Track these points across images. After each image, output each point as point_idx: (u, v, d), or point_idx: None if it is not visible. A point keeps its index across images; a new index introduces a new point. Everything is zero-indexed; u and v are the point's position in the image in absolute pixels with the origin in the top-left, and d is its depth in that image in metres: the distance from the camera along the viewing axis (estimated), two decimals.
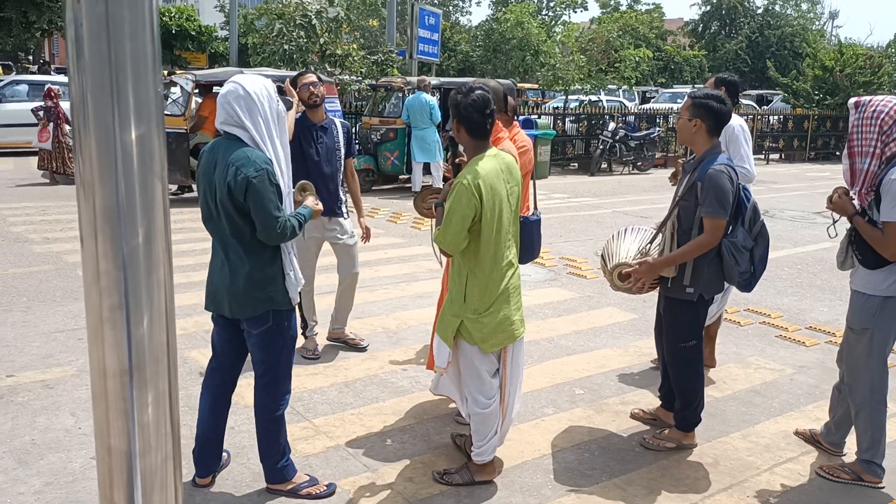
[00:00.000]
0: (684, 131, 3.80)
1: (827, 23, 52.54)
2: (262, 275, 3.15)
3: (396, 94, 13.33)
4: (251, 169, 2.98)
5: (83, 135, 0.99)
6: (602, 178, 16.14)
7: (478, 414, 3.48)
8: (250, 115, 3.05)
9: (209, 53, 31.09)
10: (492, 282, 3.33)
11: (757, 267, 3.79)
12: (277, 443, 3.38)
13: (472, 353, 3.41)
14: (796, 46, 41.59)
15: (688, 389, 3.94)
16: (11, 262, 7.22)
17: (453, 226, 3.19)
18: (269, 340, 3.25)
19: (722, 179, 3.60)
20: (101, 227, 1.00)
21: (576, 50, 22.47)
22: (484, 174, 3.20)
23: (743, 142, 4.76)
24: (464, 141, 3.38)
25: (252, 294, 3.14)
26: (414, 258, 8.02)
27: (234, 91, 3.05)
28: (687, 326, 3.86)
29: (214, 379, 3.44)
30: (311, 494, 3.41)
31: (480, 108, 3.24)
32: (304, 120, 4.88)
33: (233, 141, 3.08)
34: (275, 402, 3.34)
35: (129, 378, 1.04)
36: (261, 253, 3.15)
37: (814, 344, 5.79)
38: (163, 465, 1.09)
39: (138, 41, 0.97)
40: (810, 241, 9.80)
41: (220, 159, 3.07)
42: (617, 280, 3.91)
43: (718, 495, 3.60)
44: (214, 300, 3.26)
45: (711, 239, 3.64)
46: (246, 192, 2.98)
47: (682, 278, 3.77)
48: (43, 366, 4.76)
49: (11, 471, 3.52)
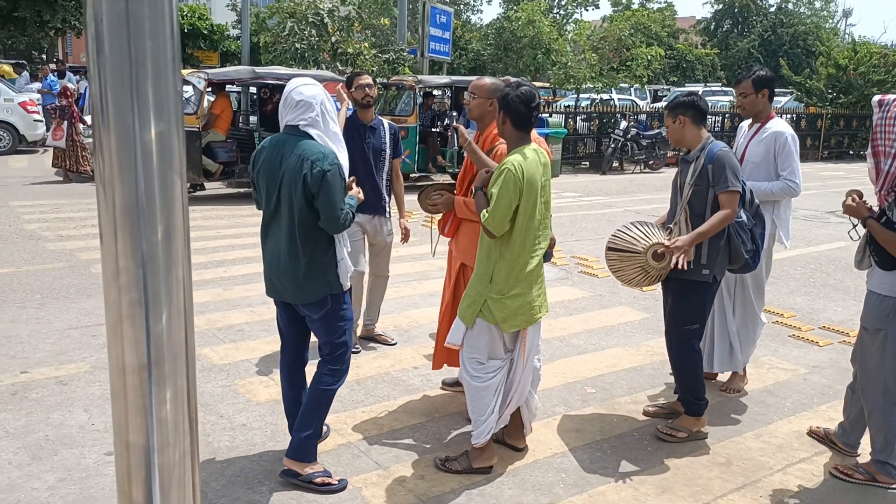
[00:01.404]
0: (675, 133, 4.06)
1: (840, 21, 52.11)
2: (321, 261, 3.37)
3: (407, 93, 13.33)
4: (326, 163, 3.23)
5: (103, 132, 0.99)
6: (613, 177, 16.09)
7: (472, 388, 3.61)
8: (323, 117, 3.35)
9: (221, 52, 31.17)
10: (519, 265, 3.49)
11: (758, 244, 4.02)
12: (319, 417, 3.55)
13: (486, 328, 3.55)
14: (809, 45, 41.35)
15: (688, 373, 4.05)
16: (25, 260, 7.27)
17: (502, 208, 3.36)
18: (330, 322, 3.47)
19: (730, 157, 3.88)
20: (121, 224, 1.01)
21: (587, 48, 22.39)
22: (527, 164, 3.41)
23: (794, 154, 4.50)
24: (507, 132, 3.55)
25: (313, 280, 3.36)
26: (425, 256, 8.02)
27: (320, 94, 3.35)
28: (696, 308, 4.01)
29: (286, 358, 3.69)
30: (325, 483, 3.48)
31: (527, 101, 3.45)
32: (354, 119, 5.03)
33: (298, 136, 3.32)
34: (334, 377, 3.54)
35: (148, 374, 1.04)
36: (319, 241, 3.36)
37: (827, 344, 5.75)
38: (181, 461, 1.09)
39: (158, 39, 0.98)
40: (823, 241, 9.74)
41: (287, 153, 3.29)
42: (651, 260, 3.95)
43: (731, 495, 3.59)
44: (275, 289, 3.49)
45: (731, 211, 3.84)
46: (320, 184, 3.21)
47: (700, 259, 3.92)
48: (57, 362, 4.79)
49: (25, 466, 3.55)
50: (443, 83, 14.33)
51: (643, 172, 17.02)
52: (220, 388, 4.52)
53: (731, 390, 4.75)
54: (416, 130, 12.66)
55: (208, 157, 11.30)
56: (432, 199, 4.14)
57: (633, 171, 17.09)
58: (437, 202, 4.14)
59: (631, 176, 16.47)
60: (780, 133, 4.49)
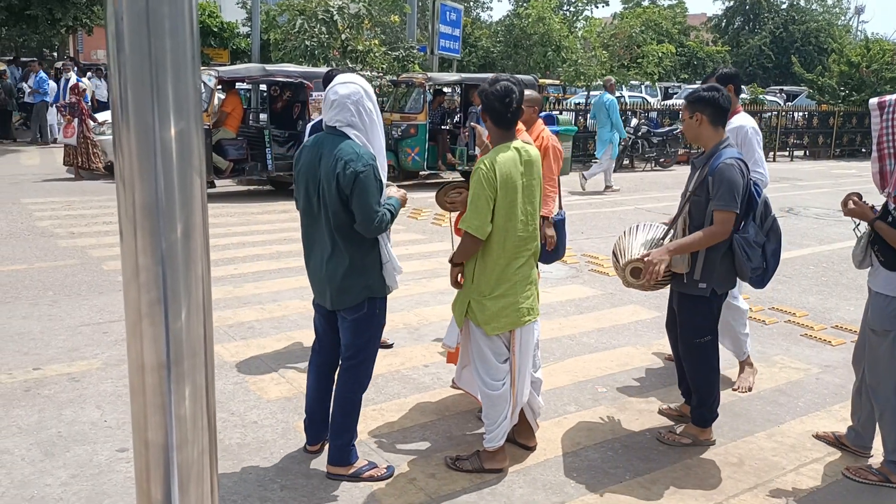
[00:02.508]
0: (690, 129, 3.87)
1: (853, 18, 51.77)
2: (361, 264, 3.32)
3: (417, 90, 13.33)
4: (360, 164, 3.16)
5: (122, 130, 0.99)
6: (624, 175, 16.04)
7: (486, 396, 3.59)
8: (360, 116, 3.27)
9: (231, 50, 31.23)
10: (497, 267, 3.45)
11: (769, 263, 3.77)
12: (351, 424, 3.54)
13: (478, 334, 3.55)
14: (821, 42, 41.07)
15: (703, 385, 3.94)
16: (37, 257, 7.31)
17: (479, 209, 3.33)
18: (361, 326, 3.42)
19: (733, 172, 3.62)
20: (140, 222, 1.01)
21: (598, 45, 22.31)
22: (501, 162, 3.35)
23: (756, 145, 4.57)
24: (490, 129, 3.52)
25: (352, 283, 3.32)
26: (435, 254, 8.02)
27: (357, 93, 3.25)
28: (701, 322, 3.86)
29: (318, 359, 3.67)
30: (374, 477, 3.52)
31: (500, 97, 3.38)
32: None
33: (337, 136, 3.26)
34: (357, 384, 3.51)
35: (167, 372, 1.04)
36: (360, 244, 3.31)
37: (840, 343, 5.72)
38: (199, 458, 1.09)
39: (178, 37, 0.98)
40: (836, 239, 9.69)
41: (325, 153, 3.23)
42: (630, 277, 3.89)
43: (743, 495, 3.57)
44: (316, 291, 3.48)
45: (721, 231, 3.63)
46: (353, 185, 3.15)
47: (693, 273, 3.77)
48: (69, 359, 4.82)
49: (38, 462, 3.57)
50: (452, 80, 14.31)
51: (654, 170, 16.96)
52: (231, 386, 4.53)
53: (742, 389, 4.73)
54: (425, 128, 12.65)
55: (219, 154, 11.33)
56: (450, 196, 4.13)
57: (644, 169, 17.03)
58: (456, 200, 4.13)
59: (641, 174, 16.42)
60: (740, 127, 4.55)
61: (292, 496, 3.39)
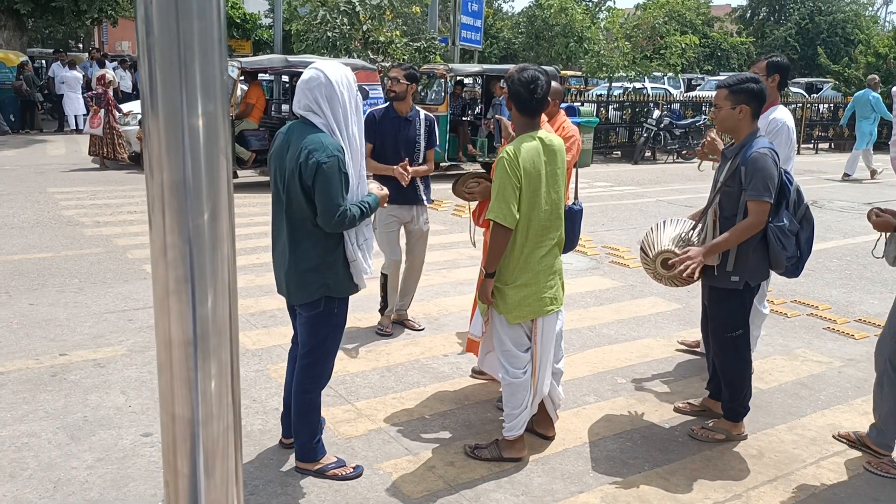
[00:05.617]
0: (729, 120, 3.72)
1: (881, 8, 50.97)
2: (321, 261, 3.19)
3: (438, 82, 13.32)
4: (323, 154, 3.03)
5: (151, 111, 1.02)
6: (645, 167, 15.95)
7: (507, 383, 3.60)
8: (329, 103, 3.10)
9: (254, 41, 31.39)
10: (521, 256, 3.45)
11: (803, 251, 3.73)
12: (308, 423, 3.44)
13: (500, 322, 3.56)
14: (848, 33, 40.44)
15: (735, 379, 3.88)
16: (63, 245, 7.42)
17: (505, 198, 3.33)
18: (316, 324, 3.30)
19: (766, 162, 3.57)
20: (168, 201, 1.03)
21: (620, 36, 22.14)
22: (524, 150, 3.35)
23: (785, 140, 4.48)
24: (514, 118, 3.52)
25: (310, 279, 3.20)
26: (455, 245, 8.04)
27: (316, 78, 3.10)
28: (733, 315, 3.81)
29: (294, 350, 3.60)
30: (338, 475, 3.46)
31: (526, 84, 3.38)
32: (390, 111, 5.08)
33: (307, 125, 3.14)
34: (311, 383, 3.40)
35: (194, 348, 1.07)
36: (324, 239, 3.18)
37: (863, 337, 5.66)
38: (224, 433, 1.11)
39: (206, 19, 1.00)
40: (860, 232, 9.57)
41: (293, 142, 3.12)
42: (660, 268, 3.86)
43: (763, 487, 3.56)
44: (278, 283, 3.36)
45: (757, 222, 3.58)
46: (315, 176, 3.03)
47: (725, 266, 3.71)
48: (94, 345, 4.89)
49: (65, 446, 3.63)
50: (474, 72, 14.29)
51: (676, 162, 16.83)
52: (252, 373, 4.58)
53: None
54: (446, 119, 12.65)
55: (241, 145, 11.41)
56: (469, 186, 4.14)
57: (666, 161, 16.91)
58: (474, 190, 4.13)
59: (663, 166, 16.31)
60: (775, 119, 4.51)
61: (313, 482, 3.42)
